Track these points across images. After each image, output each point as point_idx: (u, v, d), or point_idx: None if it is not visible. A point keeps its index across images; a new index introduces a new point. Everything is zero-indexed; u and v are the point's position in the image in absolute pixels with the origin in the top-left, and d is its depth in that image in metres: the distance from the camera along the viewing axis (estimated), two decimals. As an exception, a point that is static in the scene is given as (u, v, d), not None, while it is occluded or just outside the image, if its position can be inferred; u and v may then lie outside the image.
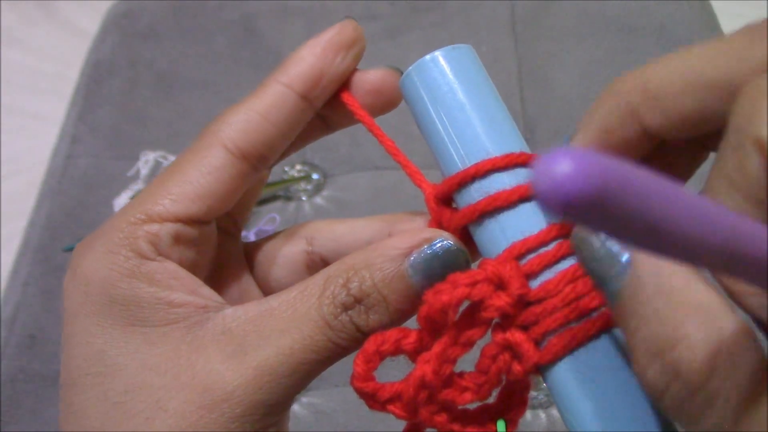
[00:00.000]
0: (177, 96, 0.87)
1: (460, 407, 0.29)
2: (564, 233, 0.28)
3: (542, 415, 0.63)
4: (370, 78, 0.33)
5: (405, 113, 0.32)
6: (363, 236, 0.34)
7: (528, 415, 0.62)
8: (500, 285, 0.27)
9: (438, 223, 0.30)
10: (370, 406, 0.28)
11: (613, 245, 0.24)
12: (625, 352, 0.27)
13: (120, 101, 0.87)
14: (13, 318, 0.71)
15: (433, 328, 0.28)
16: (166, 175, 0.31)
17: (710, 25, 0.86)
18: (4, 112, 0.90)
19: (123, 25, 0.94)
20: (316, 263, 0.36)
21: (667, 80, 0.24)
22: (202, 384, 0.28)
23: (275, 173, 0.80)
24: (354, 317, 0.28)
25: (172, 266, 0.30)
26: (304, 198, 0.78)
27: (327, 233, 0.35)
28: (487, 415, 0.30)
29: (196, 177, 0.31)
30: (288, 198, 0.78)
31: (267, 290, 0.37)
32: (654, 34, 0.86)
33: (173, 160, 0.32)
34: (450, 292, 0.26)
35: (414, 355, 0.28)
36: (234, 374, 0.28)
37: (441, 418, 0.28)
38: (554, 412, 0.63)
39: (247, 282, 0.36)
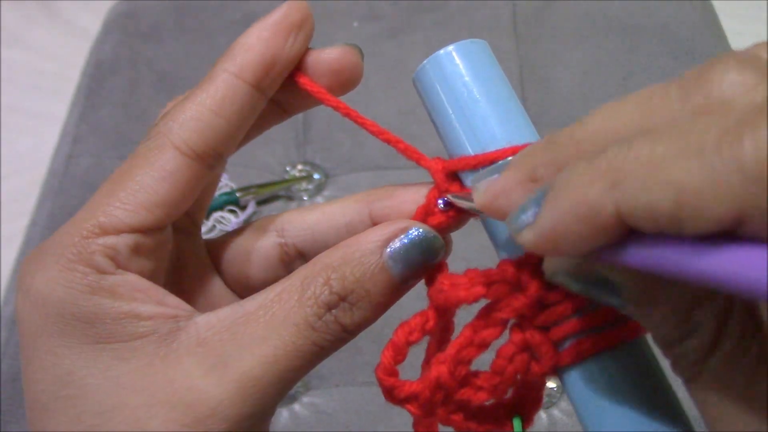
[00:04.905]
0: (178, 96, 0.87)
1: (475, 405, 0.29)
2: None
3: (543, 415, 0.63)
4: (327, 57, 0.31)
5: (405, 114, 0.32)
6: (340, 221, 0.33)
7: (529, 415, 0.62)
8: (518, 287, 0.27)
9: (439, 194, 0.30)
10: (388, 400, 0.28)
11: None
12: (649, 361, 0.26)
13: (121, 101, 0.87)
14: (14, 317, 0.71)
15: (445, 312, 0.28)
16: (116, 182, 0.29)
17: (712, 25, 0.86)
18: (6, 112, 0.90)
19: (124, 25, 0.94)
20: (291, 256, 0.34)
21: None
22: (183, 400, 0.27)
23: (276, 173, 0.80)
24: (339, 316, 0.28)
25: (133, 278, 0.29)
26: (305, 198, 0.78)
27: (299, 223, 0.34)
28: (503, 411, 0.30)
29: (150, 183, 0.29)
30: (289, 198, 0.78)
31: (239, 289, 0.35)
32: (656, 35, 0.85)
33: (122, 165, 0.30)
34: (467, 289, 0.27)
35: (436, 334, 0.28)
36: (217, 389, 0.27)
37: (457, 417, 0.29)
38: (555, 412, 0.63)
39: (212, 282, 0.35)
